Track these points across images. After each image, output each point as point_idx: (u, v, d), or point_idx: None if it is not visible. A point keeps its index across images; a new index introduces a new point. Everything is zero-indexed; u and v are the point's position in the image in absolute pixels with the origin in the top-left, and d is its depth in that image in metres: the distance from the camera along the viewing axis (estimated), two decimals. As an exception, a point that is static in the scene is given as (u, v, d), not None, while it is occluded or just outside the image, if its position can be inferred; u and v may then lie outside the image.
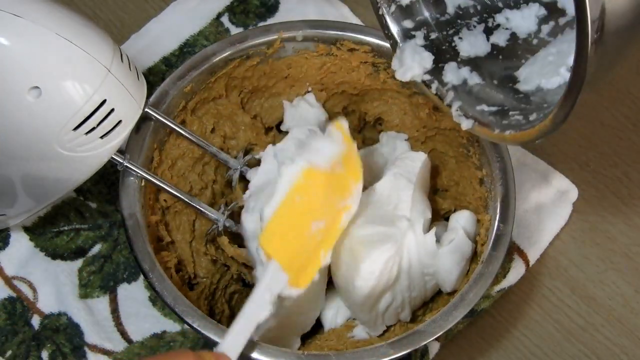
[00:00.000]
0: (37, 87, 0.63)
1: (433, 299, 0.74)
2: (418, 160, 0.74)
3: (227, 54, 0.75)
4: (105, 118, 0.66)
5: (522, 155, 0.83)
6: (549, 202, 0.81)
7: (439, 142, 0.78)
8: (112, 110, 0.66)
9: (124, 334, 0.75)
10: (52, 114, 0.64)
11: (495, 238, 0.69)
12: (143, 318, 0.76)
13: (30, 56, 0.63)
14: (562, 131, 0.85)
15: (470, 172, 0.75)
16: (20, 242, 0.78)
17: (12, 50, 0.63)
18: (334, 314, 0.74)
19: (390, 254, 0.68)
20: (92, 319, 0.75)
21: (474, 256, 0.72)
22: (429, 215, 0.72)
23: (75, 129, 0.65)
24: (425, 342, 0.65)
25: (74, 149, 0.66)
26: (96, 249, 0.78)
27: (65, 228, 0.79)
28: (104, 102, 0.65)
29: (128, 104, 0.67)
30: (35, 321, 0.75)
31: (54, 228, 0.78)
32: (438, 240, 0.71)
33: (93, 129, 0.66)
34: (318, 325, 0.74)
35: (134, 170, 0.70)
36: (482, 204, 0.73)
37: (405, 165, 0.73)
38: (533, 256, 0.79)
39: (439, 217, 0.77)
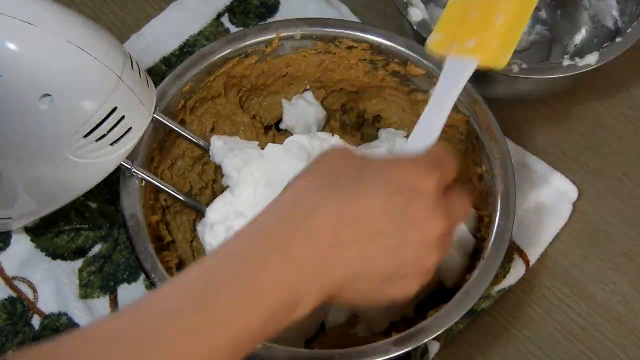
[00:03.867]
0: (48, 95, 0.63)
1: (434, 295, 0.74)
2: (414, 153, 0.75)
3: (225, 52, 0.75)
4: (115, 125, 0.66)
5: (522, 156, 0.83)
6: (549, 202, 0.81)
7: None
8: (123, 117, 0.66)
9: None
10: (63, 121, 0.64)
11: (496, 235, 0.69)
12: (143, 318, 0.76)
13: (41, 64, 0.63)
14: (562, 131, 0.85)
15: (469, 169, 0.75)
16: (20, 242, 0.78)
17: (23, 57, 0.62)
18: (336, 312, 0.74)
19: None
20: (92, 319, 0.75)
21: (478, 252, 0.72)
22: None
23: (86, 136, 0.65)
24: (428, 339, 0.65)
25: (84, 156, 0.66)
26: (96, 249, 0.78)
27: (66, 228, 0.79)
28: (114, 109, 0.65)
29: (138, 111, 0.67)
30: (36, 321, 0.75)
31: (54, 228, 0.78)
32: None
33: (103, 136, 0.66)
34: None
35: (142, 175, 0.70)
36: (482, 200, 0.73)
37: None
38: (533, 256, 0.79)
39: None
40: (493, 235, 0.69)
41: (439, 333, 0.66)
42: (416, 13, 0.79)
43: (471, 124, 0.74)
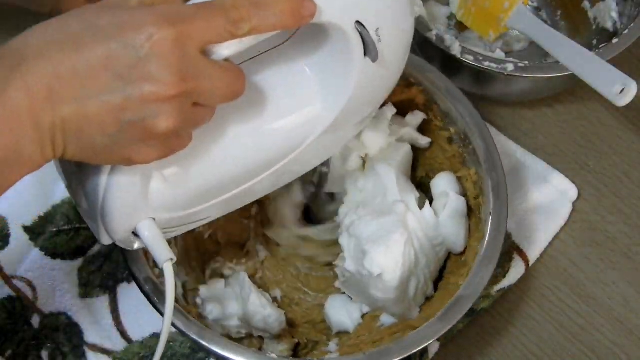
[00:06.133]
0: None
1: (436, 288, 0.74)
2: (401, 151, 0.75)
3: None
4: None
5: (522, 155, 0.83)
6: (549, 202, 0.81)
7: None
8: None
9: (123, 334, 0.75)
10: None
11: (493, 189, 0.70)
12: (143, 317, 0.76)
13: None
14: (562, 131, 0.85)
15: (435, 135, 0.76)
16: (20, 242, 0.78)
17: None
18: (346, 314, 0.74)
19: (404, 239, 0.68)
20: (92, 319, 0.75)
21: (472, 212, 0.73)
22: (417, 194, 0.73)
23: None
24: (428, 343, 0.66)
25: None
26: (96, 248, 0.78)
27: (65, 227, 0.79)
28: None
29: None
30: (35, 320, 0.75)
31: (53, 227, 0.78)
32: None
33: None
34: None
35: None
36: (458, 161, 0.74)
37: (386, 157, 0.75)
38: (533, 256, 0.79)
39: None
40: (490, 192, 0.70)
41: (439, 336, 0.66)
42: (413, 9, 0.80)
43: (427, 92, 0.74)
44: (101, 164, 0.55)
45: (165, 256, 0.57)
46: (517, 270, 0.78)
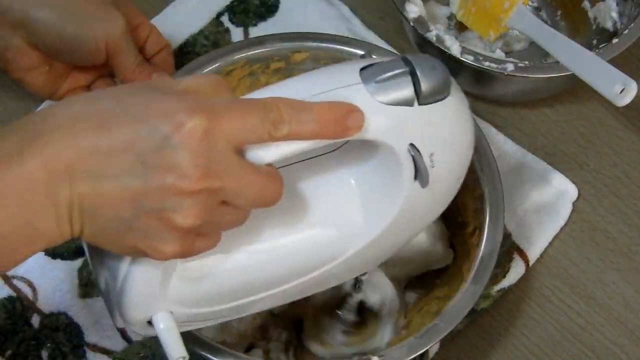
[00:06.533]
0: None
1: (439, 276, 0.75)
2: None
3: (217, 65, 0.75)
4: None
5: (522, 155, 0.83)
6: (549, 202, 0.81)
7: None
8: None
9: (123, 334, 0.75)
10: None
11: (489, 173, 0.71)
12: (142, 317, 0.76)
13: None
14: (562, 131, 0.85)
15: None
16: (20, 242, 0.78)
17: None
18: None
19: None
20: (92, 319, 0.75)
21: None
22: None
23: None
24: (427, 347, 0.66)
25: None
26: (96, 248, 0.78)
27: (66, 227, 0.79)
28: None
29: None
30: (35, 320, 0.75)
31: (54, 227, 0.78)
32: None
33: None
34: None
35: None
36: None
37: None
38: (533, 256, 0.79)
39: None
40: (485, 176, 0.71)
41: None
42: (413, 9, 0.80)
43: None
44: (115, 252, 0.53)
45: (177, 353, 0.55)
46: (517, 270, 0.77)
